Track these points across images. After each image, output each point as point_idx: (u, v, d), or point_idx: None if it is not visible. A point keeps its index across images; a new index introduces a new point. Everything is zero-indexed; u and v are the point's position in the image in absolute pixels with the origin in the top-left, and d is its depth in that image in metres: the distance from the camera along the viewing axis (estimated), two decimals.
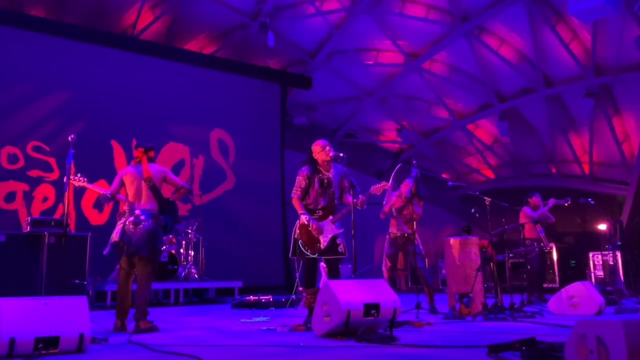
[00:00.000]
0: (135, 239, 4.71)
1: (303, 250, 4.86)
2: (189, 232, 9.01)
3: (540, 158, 13.73)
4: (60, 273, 6.57)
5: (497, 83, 12.41)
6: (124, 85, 10.34)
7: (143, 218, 4.76)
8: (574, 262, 10.47)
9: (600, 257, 9.50)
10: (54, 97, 9.64)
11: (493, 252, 6.05)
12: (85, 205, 9.47)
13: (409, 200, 6.37)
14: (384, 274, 6.46)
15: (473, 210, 6.66)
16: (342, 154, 4.92)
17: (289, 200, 5.22)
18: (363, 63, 12.75)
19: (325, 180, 4.96)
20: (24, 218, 8.49)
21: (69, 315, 3.49)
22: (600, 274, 9.47)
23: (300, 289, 6.45)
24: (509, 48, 11.62)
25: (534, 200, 7.76)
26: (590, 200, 7.49)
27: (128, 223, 4.76)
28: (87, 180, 5.44)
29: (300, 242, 4.87)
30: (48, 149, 9.35)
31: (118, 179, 4.95)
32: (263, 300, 7.50)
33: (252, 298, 7.65)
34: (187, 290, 8.93)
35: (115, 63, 10.33)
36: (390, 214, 6.51)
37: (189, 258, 9.02)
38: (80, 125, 9.47)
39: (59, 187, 6.27)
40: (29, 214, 8.67)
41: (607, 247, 9.13)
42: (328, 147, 4.94)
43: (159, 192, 4.88)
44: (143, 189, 4.86)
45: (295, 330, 4.54)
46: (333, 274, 4.94)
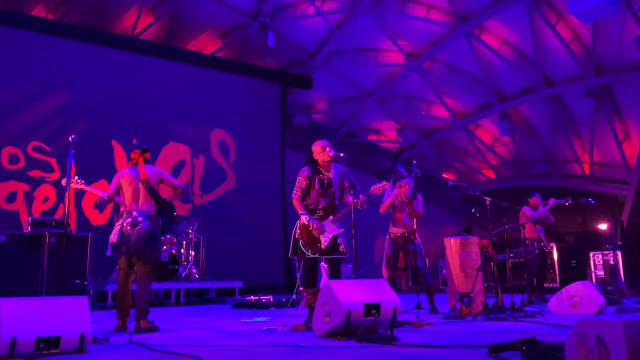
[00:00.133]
0: (133, 240, 4.73)
1: (304, 250, 4.86)
2: (190, 232, 9.02)
3: (541, 158, 13.72)
4: (61, 273, 6.56)
5: (497, 83, 12.41)
6: (125, 85, 10.35)
7: (140, 219, 4.78)
8: (575, 261, 10.46)
9: (601, 256, 9.50)
10: (55, 97, 9.65)
11: (493, 251, 6.04)
12: (86, 206, 9.48)
13: (410, 201, 6.38)
14: (384, 274, 6.45)
15: (473, 210, 6.66)
16: (342, 154, 4.92)
17: (290, 200, 5.22)
18: (363, 63, 12.75)
19: (326, 181, 4.97)
20: (25, 218, 8.51)
21: (70, 315, 3.50)
22: (601, 274, 9.46)
23: (301, 289, 6.44)
24: (509, 48, 11.62)
25: (534, 200, 7.77)
26: (591, 200, 7.48)
27: (125, 224, 4.78)
28: (84, 183, 5.45)
29: (301, 242, 4.87)
30: (49, 149, 9.36)
31: (115, 182, 4.96)
32: (263, 300, 7.51)
33: (252, 298, 7.66)
34: (187, 290, 8.95)
35: (116, 63, 10.34)
36: (392, 208, 6.51)
37: (190, 258, 9.03)
38: (81, 125, 9.48)
39: (60, 187, 6.29)
40: (30, 214, 8.69)
41: (607, 246, 9.12)
42: (328, 147, 4.94)
43: (156, 193, 4.90)
44: (140, 191, 4.87)
45: (296, 330, 4.54)
46: (334, 274, 4.94)
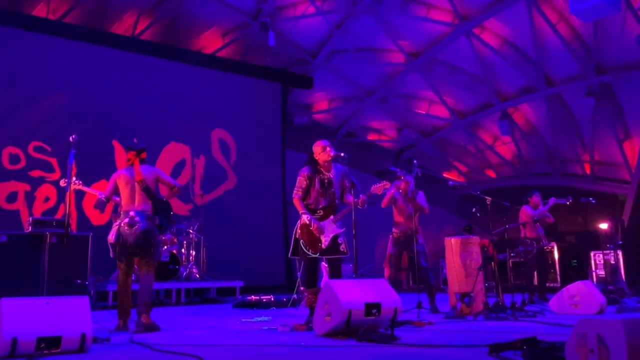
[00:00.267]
0: (131, 241, 4.75)
1: (304, 250, 4.86)
2: (190, 232, 9.02)
3: (542, 157, 13.72)
4: (62, 273, 6.57)
5: (497, 82, 12.41)
6: (125, 85, 10.34)
7: (138, 219, 4.79)
8: (576, 261, 10.46)
9: (602, 256, 9.50)
10: (55, 97, 9.65)
11: (494, 251, 6.04)
12: (87, 205, 9.48)
13: (413, 197, 6.39)
14: (386, 274, 6.45)
15: (474, 210, 6.66)
16: (343, 154, 4.93)
17: (290, 200, 5.23)
18: (364, 62, 12.74)
19: (326, 181, 4.97)
20: (26, 218, 8.51)
21: (71, 315, 3.50)
22: (602, 273, 9.46)
23: (302, 289, 6.46)
24: (510, 47, 11.61)
25: (534, 200, 7.77)
26: (592, 200, 7.48)
27: (123, 225, 4.80)
28: (82, 183, 5.44)
29: (302, 241, 4.87)
30: (49, 149, 9.37)
31: (112, 182, 4.97)
32: (264, 300, 7.51)
33: (253, 298, 7.67)
34: (188, 290, 8.95)
35: (116, 63, 10.34)
36: (395, 207, 6.51)
37: (190, 258, 9.04)
38: (82, 126, 9.45)
39: (61, 187, 6.29)
40: (31, 214, 8.69)
41: (608, 246, 9.12)
42: (329, 147, 4.94)
43: (153, 193, 4.91)
44: (137, 191, 4.88)
45: (297, 330, 4.54)
46: (334, 274, 4.94)
